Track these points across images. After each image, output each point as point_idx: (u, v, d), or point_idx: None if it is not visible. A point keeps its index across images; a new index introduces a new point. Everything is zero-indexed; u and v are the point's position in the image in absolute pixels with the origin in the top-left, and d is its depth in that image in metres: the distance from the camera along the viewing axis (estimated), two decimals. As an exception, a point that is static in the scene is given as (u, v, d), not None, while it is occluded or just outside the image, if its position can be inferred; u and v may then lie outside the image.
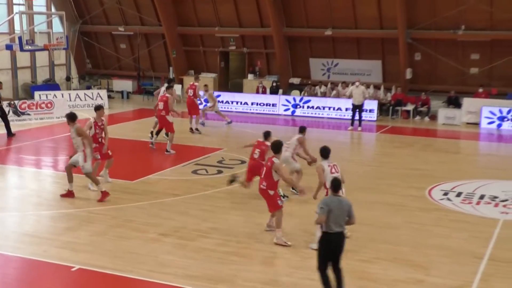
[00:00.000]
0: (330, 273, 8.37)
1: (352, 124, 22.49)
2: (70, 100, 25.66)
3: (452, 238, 11.03)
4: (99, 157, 13.62)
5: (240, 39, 28.72)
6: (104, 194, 12.75)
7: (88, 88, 29.96)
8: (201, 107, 21.74)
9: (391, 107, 25.12)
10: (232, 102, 26.37)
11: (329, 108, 24.94)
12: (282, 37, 27.29)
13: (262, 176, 10.75)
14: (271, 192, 10.64)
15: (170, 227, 11.28)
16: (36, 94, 25.51)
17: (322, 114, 24.93)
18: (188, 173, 15.35)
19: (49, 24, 26.90)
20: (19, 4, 27.56)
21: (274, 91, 26.98)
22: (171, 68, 29.88)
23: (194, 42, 29.80)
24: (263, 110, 25.75)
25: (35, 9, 28.32)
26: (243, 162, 16.47)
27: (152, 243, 10.52)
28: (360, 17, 25.80)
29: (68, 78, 30.57)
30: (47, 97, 25.05)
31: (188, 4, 28.65)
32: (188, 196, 13.33)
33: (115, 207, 12.44)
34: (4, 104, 20.49)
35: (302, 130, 13.59)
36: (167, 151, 17.26)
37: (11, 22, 26.51)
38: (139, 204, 12.68)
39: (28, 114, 22.87)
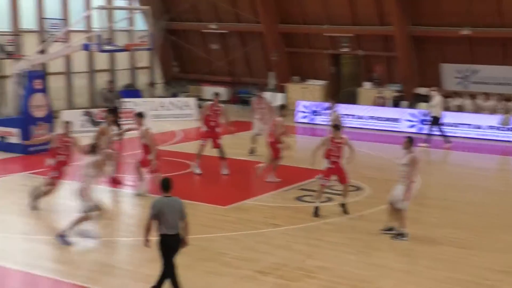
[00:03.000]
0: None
1: (448, 141, 22.19)
2: (154, 109, 26.46)
3: None
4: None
5: (355, 40, 28.63)
6: None
7: (174, 95, 30.80)
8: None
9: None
10: (343, 116, 26.20)
11: (467, 125, 24.23)
12: (406, 37, 26.96)
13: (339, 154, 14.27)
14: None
15: (268, 264, 11.30)
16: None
17: (457, 132, 24.26)
18: (291, 200, 15.37)
19: (131, 21, 27.99)
20: (98, -2, 28.94)
21: (396, 103, 26.64)
22: (271, 73, 30.17)
23: (299, 42, 29.99)
24: (383, 126, 25.43)
25: (116, 3, 29.59)
26: (357, 188, 16.33)
27: (247, 282, 10.57)
28: (508, 11, 25.02)
29: (151, 84, 31.59)
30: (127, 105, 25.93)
31: (292, -3, 28.96)
32: (290, 227, 13.33)
33: (205, 236, 12.63)
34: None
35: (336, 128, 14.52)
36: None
37: (89, 19, 27.75)
38: (232, 235, 12.82)
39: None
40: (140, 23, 29.49)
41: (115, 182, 15.99)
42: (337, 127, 14.64)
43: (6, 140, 20.19)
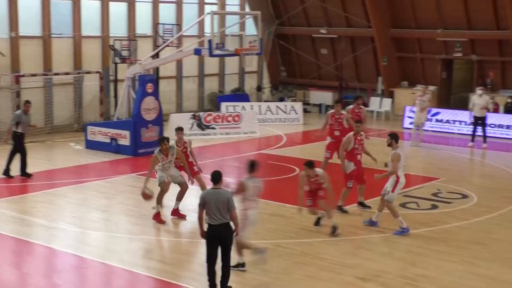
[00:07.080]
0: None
1: (472, 140, 22.59)
2: (260, 113, 26.69)
3: None
4: None
5: (469, 44, 27.90)
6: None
7: (281, 100, 30.97)
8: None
9: None
10: (454, 122, 25.59)
11: None
12: (523, 41, 26.04)
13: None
14: None
15: (370, 270, 11.21)
16: (223, 105, 26.97)
17: None
18: (395, 206, 15.12)
19: (242, 26, 28.37)
20: (211, 4, 29.47)
21: (509, 110, 25.73)
22: (379, 79, 29.87)
23: (410, 47, 29.53)
24: (495, 133, 24.58)
25: (228, 8, 30.09)
26: (464, 196, 15.90)
27: (347, 288, 10.52)
28: None
29: (259, 88, 31.90)
30: (234, 109, 26.33)
31: (405, 1, 28.51)
32: (393, 235, 13.13)
33: (304, 241, 12.66)
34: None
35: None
36: None
37: (200, 24, 28.36)
38: (333, 240, 12.76)
39: (213, 128, 24.19)
40: (250, 28, 29.82)
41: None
42: None
43: (118, 142, 20.79)
